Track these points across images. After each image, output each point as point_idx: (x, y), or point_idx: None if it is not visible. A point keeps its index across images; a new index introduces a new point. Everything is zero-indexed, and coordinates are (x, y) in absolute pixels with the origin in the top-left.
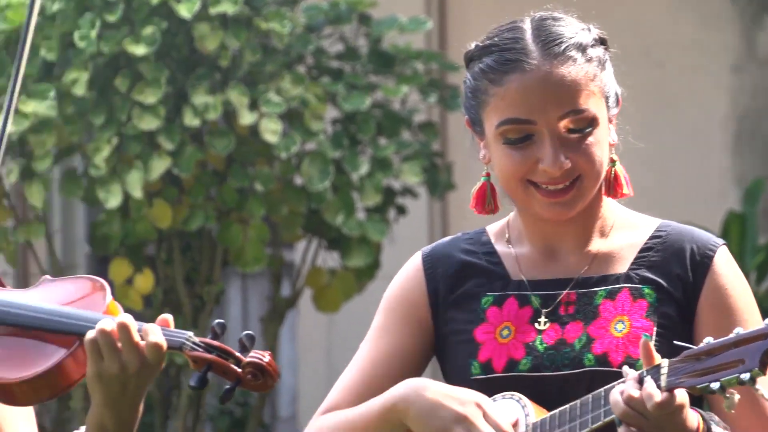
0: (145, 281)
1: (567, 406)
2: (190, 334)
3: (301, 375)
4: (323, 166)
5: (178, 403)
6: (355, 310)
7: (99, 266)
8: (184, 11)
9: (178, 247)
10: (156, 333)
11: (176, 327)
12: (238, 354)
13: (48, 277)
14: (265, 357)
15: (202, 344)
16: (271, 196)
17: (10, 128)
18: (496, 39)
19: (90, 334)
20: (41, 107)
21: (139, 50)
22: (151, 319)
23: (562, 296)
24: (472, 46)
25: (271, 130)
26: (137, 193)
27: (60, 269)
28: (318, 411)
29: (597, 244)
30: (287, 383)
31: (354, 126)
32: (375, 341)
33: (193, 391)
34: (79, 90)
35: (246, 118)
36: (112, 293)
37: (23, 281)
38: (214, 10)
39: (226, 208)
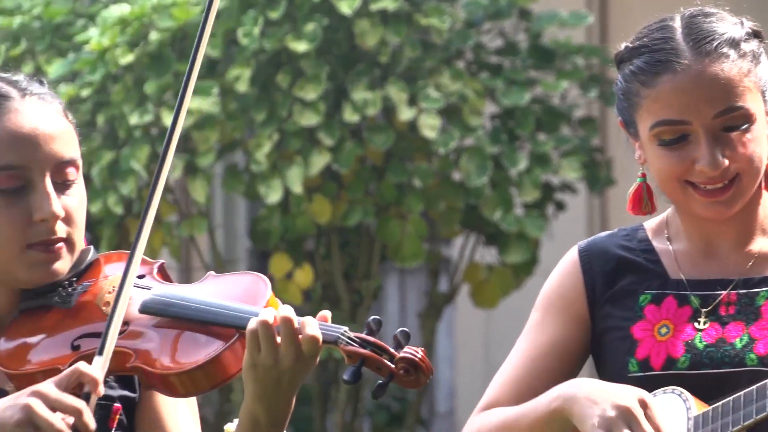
0: (304, 276)
1: (730, 398)
2: (346, 329)
3: (458, 370)
4: (481, 162)
5: (337, 398)
6: (513, 305)
7: (259, 261)
8: (345, 8)
9: (337, 242)
10: (313, 326)
11: (334, 322)
12: (392, 350)
13: (213, 273)
14: (419, 353)
15: (357, 339)
16: (429, 191)
17: None
18: (645, 39)
19: (251, 325)
20: (205, 104)
21: (301, 47)
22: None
23: (722, 297)
24: (622, 47)
25: (430, 126)
26: (297, 188)
27: (222, 263)
28: (477, 408)
29: (758, 243)
30: (445, 378)
31: (513, 121)
32: (532, 337)
33: (350, 386)
34: (242, 86)
35: (405, 113)
36: (272, 288)
37: (186, 275)
38: (374, 6)
39: (384, 204)
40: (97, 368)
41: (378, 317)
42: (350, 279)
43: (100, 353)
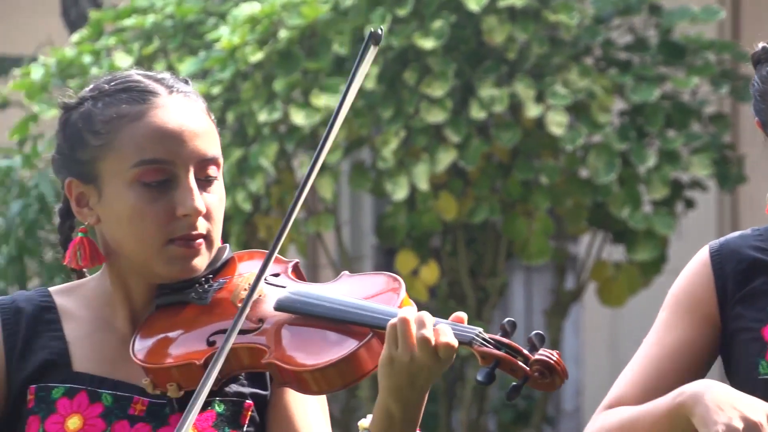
0: (430, 273)
1: None
2: (480, 330)
3: (585, 369)
4: (609, 159)
5: (463, 395)
6: (641, 304)
7: (385, 257)
8: (473, 4)
9: (463, 239)
10: (448, 334)
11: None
12: (526, 352)
13: (347, 272)
14: (554, 356)
15: (492, 341)
16: (556, 188)
17: (303, 121)
18: None
19: (392, 321)
20: (333, 101)
21: (428, 44)
22: (436, 311)
23: None
24: (759, 47)
25: (557, 123)
26: (424, 185)
27: (348, 260)
28: (601, 406)
29: None
30: (571, 377)
31: (642, 118)
32: (660, 336)
33: (477, 384)
34: (369, 84)
35: (532, 110)
36: None
37: (313, 272)
38: (502, 3)
39: (510, 201)
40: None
41: (512, 320)
42: (476, 276)
43: (213, 364)
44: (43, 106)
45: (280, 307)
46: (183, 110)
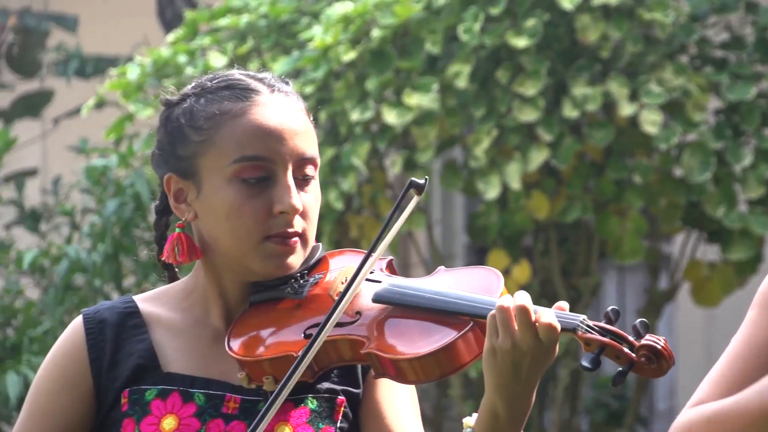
0: (522, 272)
1: None
2: (584, 317)
3: (679, 369)
4: (704, 158)
5: (555, 395)
6: (736, 304)
7: (477, 256)
8: (567, 2)
9: (555, 238)
10: (549, 314)
11: None
12: (631, 338)
13: (443, 267)
14: (660, 341)
15: (597, 327)
16: (649, 187)
17: (395, 120)
18: None
19: (492, 310)
20: (425, 100)
21: (521, 42)
22: None
23: None
24: None
25: (651, 121)
26: (516, 184)
27: (439, 259)
28: (687, 404)
29: None
30: (665, 377)
31: (737, 116)
32: (747, 334)
33: (569, 383)
34: (461, 82)
35: (626, 109)
36: None
37: (404, 270)
38: (596, 1)
39: (603, 200)
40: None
41: (616, 308)
42: (568, 275)
43: (304, 354)
44: (139, 106)
45: (378, 299)
46: (284, 109)
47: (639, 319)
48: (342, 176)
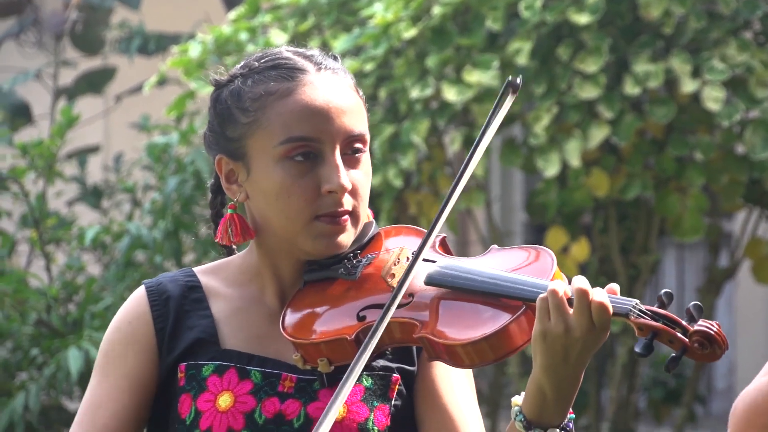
0: (580, 250)
1: None
2: (637, 301)
3: (738, 347)
4: (767, 134)
5: (613, 373)
6: None
7: (536, 234)
8: None
9: (615, 216)
10: (602, 295)
11: None
12: (684, 323)
13: (496, 246)
14: (714, 326)
15: (649, 312)
16: (711, 164)
17: (454, 98)
18: None
19: (542, 294)
20: (485, 77)
21: (583, 19)
22: None
23: None
24: None
25: (714, 98)
26: (575, 161)
27: (498, 236)
28: (756, 379)
29: None
30: (724, 355)
31: None
32: None
33: (627, 361)
34: (522, 59)
35: (688, 85)
36: None
37: (462, 248)
38: None
39: (664, 177)
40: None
41: (670, 291)
42: (627, 253)
43: (370, 337)
44: (200, 83)
45: (430, 281)
46: (330, 87)
47: (693, 302)
48: (401, 153)
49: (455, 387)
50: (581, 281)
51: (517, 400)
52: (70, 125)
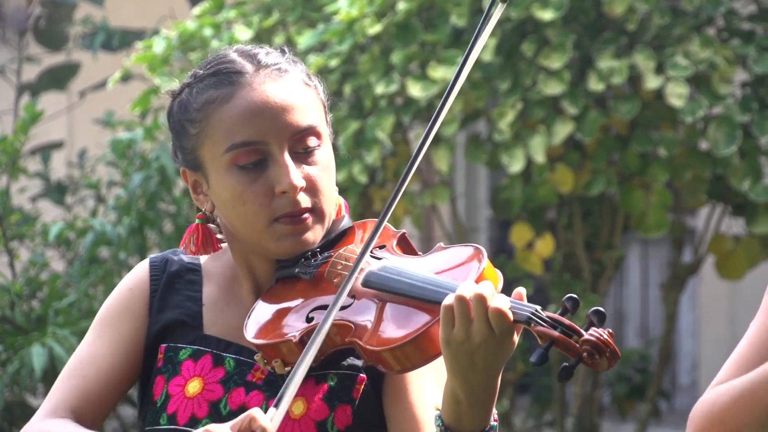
0: (545, 245)
1: None
2: (538, 307)
3: (702, 342)
4: (730, 131)
5: (577, 368)
6: (760, 277)
7: (500, 230)
8: None
9: (579, 212)
10: (501, 301)
11: (575, 292)
12: (582, 331)
13: (441, 244)
14: (603, 335)
15: (549, 319)
16: (674, 161)
17: (419, 94)
18: None
19: (446, 300)
20: (450, 73)
21: (547, 15)
22: (551, 284)
23: None
24: None
25: (677, 94)
26: (540, 157)
27: (463, 232)
28: (711, 385)
29: None
30: (688, 350)
31: (764, 89)
32: (765, 317)
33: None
34: (487, 55)
35: (651, 82)
36: (513, 257)
37: (427, 244)
38: None
39: (628, 173)
40: (269, 418)
41: (575, 296)
42: (592, 249)
43: (276, 405)
44: (165, 79)
45: (365, 283)
46: (270, 86)
47: (594, 308)
48: (366, 149)
49: (423, 385)
50: (483, 287)
51: (439, 404)
52: (34, 121)
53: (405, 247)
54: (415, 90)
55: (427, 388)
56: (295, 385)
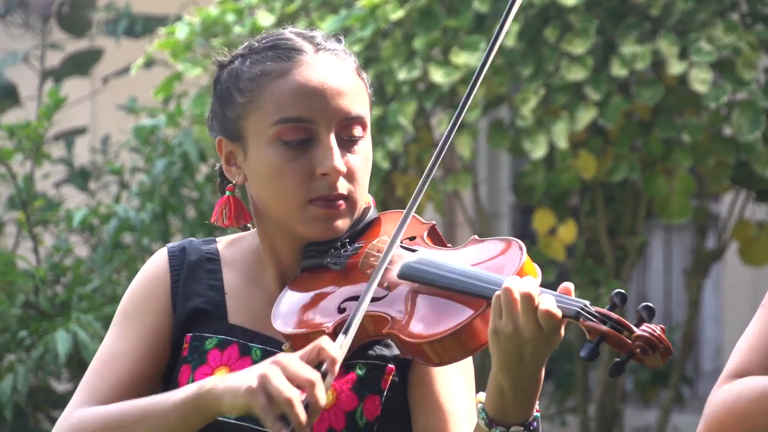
0: (568, 232)
1: None
2: (587, 303)
3: (725, 328)
4: (754, 116)
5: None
6: None
7: (523, 216)
8: None
9: (602, 197)
10: (549, 301)
11: (597, 278)
12: (632, 327)
13: (476, 237)
14: (656, 331)
15: (598, 314)
16: (698, 146)
17: (442, 79)
18: None
19: (497, 291)
20: (472, 59)
21: (570, 0)
22: (573, 270)
23: None
24: None
25: (701, 80)
26: (563, 143)
27: (485, 218)
28: (723, 376)
29: None
30: (711, 336)
31: None
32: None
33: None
34: (509, 41)
35: (675, 67)
36: (535, 243)
37: (449, 230)
38: None
39: (651, 159)
40: (337, 347)
41: (623, 291)
42: (615, 235)
43: (345, 332)
44: (187, 65)
45: (402, 275)
46: (328, 68)
47: (644, 304)
48: (388, 135)
49: (450, 378)
50: (528, 284)
51: (481, 396)
52: (57, 107)
53: (435, 238)
54: (438, 76)
55: (454, 379)
56: (362, 311)
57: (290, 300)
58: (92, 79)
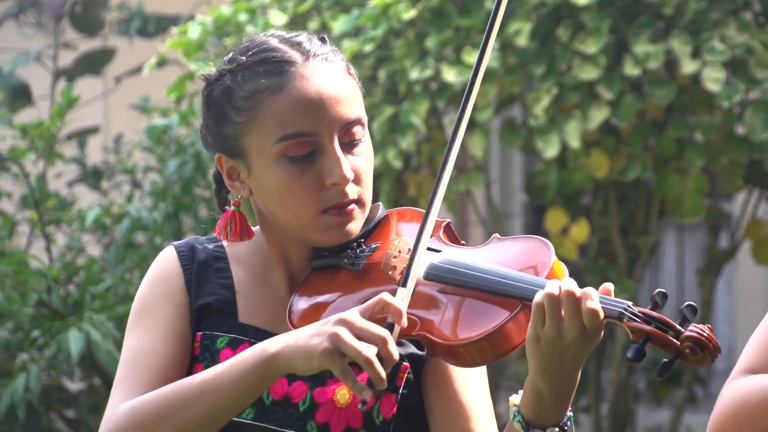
0: (580, 231)
1: None
2: (629, 303)
3: (737, 328)
4: (767, 115)
5: (612, 354)
6: None
7: (535, 215)
8: None
9: (614, 197)
10: (594, 300)
11: (610, 278)
12: (678, 326)
13: (497, 235)
14: (705, 331)
15: (641, 315)
16: (711, 145)
17: (454, 79)
18: None
19: (537, 297)
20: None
21: (583, 0)
22: (586, 270)
23: None
24: None
25: (714, 79)
26: (575, 142)
27: (497, 218)
28: (734, 372)
29: None
30: (723, 336)
31: None
32: None
33: (627, 342)
34: (522, 40)
35: (688, 66)
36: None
37: (462, 229)
38: None
39: (664, 158)
40: (400, 299)
41: (664, 291)
42: (627, 234)
43: (404, 285)
44: (200, 65)
45: (428, 276)
46: (321, 77)
47: (686, 303)
48: (401, 135)
49: (466, 374)
50: (570, 284)
51: (515, 399)
52: (70, 106)
53: (450, 235)
54: (450, 75)
55: (472, 377)
56: (416, 263)
57: (304, 301)
58: (105, 79)
